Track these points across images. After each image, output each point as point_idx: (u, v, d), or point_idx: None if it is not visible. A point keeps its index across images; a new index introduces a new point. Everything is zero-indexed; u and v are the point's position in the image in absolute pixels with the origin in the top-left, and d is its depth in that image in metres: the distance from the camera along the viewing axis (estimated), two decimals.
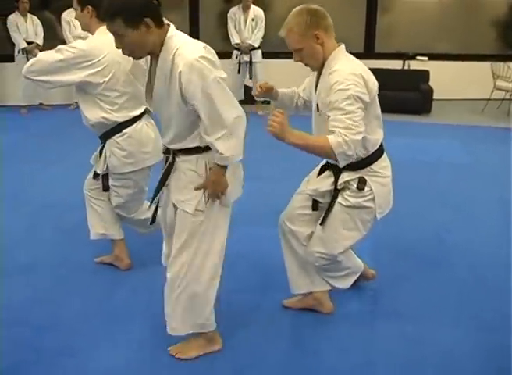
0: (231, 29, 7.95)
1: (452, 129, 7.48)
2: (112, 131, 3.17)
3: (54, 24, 8.78)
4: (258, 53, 7.99)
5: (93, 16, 3.12)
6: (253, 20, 7.91)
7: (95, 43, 3.05)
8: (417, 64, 9.06)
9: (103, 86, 3.05)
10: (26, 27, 8.11)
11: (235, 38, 7.92)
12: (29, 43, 8.09)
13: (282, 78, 8.52)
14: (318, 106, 2.65)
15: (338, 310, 3.06)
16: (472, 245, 3.87)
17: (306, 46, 2.57)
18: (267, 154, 5.97)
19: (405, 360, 2.68)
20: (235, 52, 8.00)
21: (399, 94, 8.04)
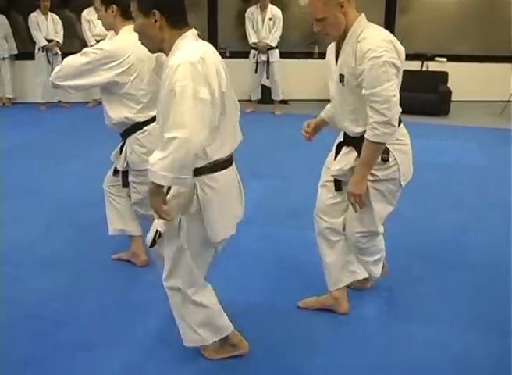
0: (249, 28, 7.96)
1: (470, 131, 7.42)
2: (133, 128, 3.21)
3: (74, 22, 8.87)
4: (276, 53, 8.00)
5: (117, 15, 3.14)
6: (270, 20, 7.92)
7: (119, 43, 3.09)
8: (435, 65, 9.01)
9: (128, 85, 3.10)
10: (46, 25, 8.20)
11: (252, 38, 7.93)
12: (49, 41, 8.18)
13: (298, 78, 8.60)
14: (343, 77, 2.59)
15: (353, 312, 3.06)
16: (488, 248, 3.84)
17: (330, 15, 2.48)
18: (285, 153, 6.00)
19: (419, 362, 2.67)
20: (252, 52, 8.01)
21: (417, 95, 7.99)
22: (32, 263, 3.62)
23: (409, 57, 2.78)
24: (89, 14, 7.96)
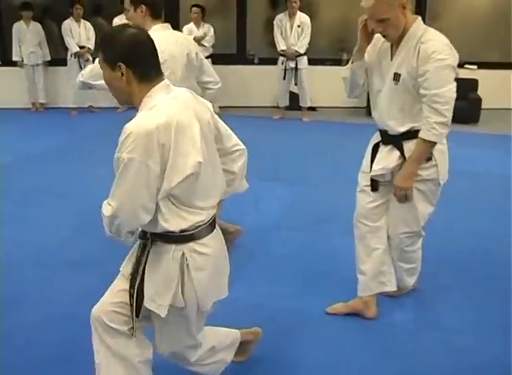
0: (277, 35, 8.00)
1: (500, 139, 7.32)
2: None
3: (105, 29, 9.03)
4: (304, 59, 8.02)
5: (146, 15, 3.18)
6: (299, 27, 7.95)
7: None
8: (465, 73, 8.89)
9: None
10: (79, 32, 8.38)
11: (281, 45, 7.97)
12: (81, 47, 8.34)
13: (327, 85, 8.57)
14: (399, 76, 2.64)
15: (382, 318, 3.05)
16: None
17: (392, 16, 2.55)
18: (313, 160, 6.00)
19: (445, 370, 2.65)
20: (281, 58, 8.05)
21: None
22: (62, 265, 3.69)
23: None
24: (121, 20, 8.08)
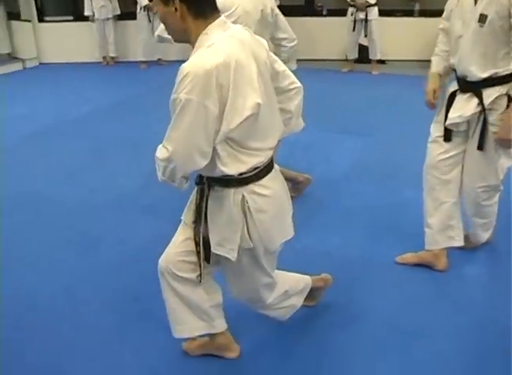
0: None
1: None
2: None
3: None
4: (374, 10, 7.74)
5: None
6: None
7: None
8: None
9: None
10: None
11: None
12: (150, 0, 8.37)
13: (397, 37, 8.30)
14: (485, 18, 2.53)
15: (452, 270, 3.00)
16: None
17: None
18: (382, 113, 5.87)
19: None
20: (350, 9, 7.80)
21: None
22: (136, 210, 3.83)
23: None
24: None
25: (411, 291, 2.87)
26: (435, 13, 7.54)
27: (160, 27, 3.28)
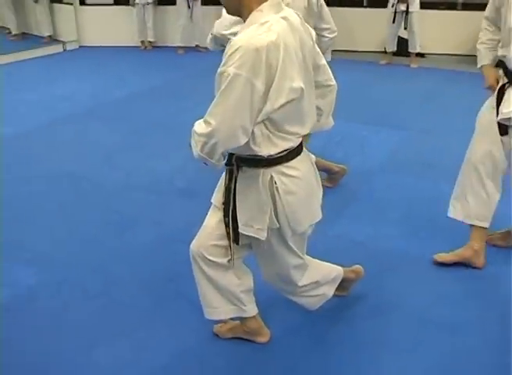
0: None
1: None
2: None
3: None
4: (416, 2, 7.61)
5: None
6: None
7: None
8: None
9: None
10: None
11: None
12: None
13: (438, 30, 8.16)
14: None
15: (488, 268, 2.95)
16: None
17: None
18: (420, 106, 5.80)
19: None
20: (391, 1, 7.69)
21: None
22: (172, 192, 3.89)
23: None
24: None
25: (443, 286, 2.85)
26: (478, 7, 7.40)
27: (216, 25, 3.22)
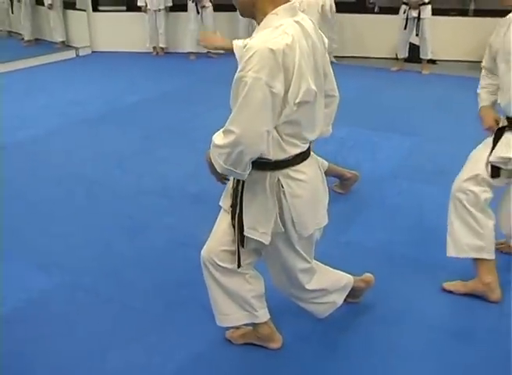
0: None
1: None
2: None
3: None
4: (428, 9, 7.59)
5: None
6: None
7: None
8: None
9: None
10: None
11: None
12: None
13: (450, 37, 8.14)
14: None
15: (502, 277, 2.80)
16: None
17: None
18: (432, 113, 5.79)
19: None
20: (403, 7, 7.67)
21: None
22: (184, 197, 3.90)
23: None
24: None
25: (455, 294, 2.81)
26: (489, 13, 7.38)
27: None
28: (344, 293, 2.52)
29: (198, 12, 8.45)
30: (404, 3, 7.64)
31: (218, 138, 1.89)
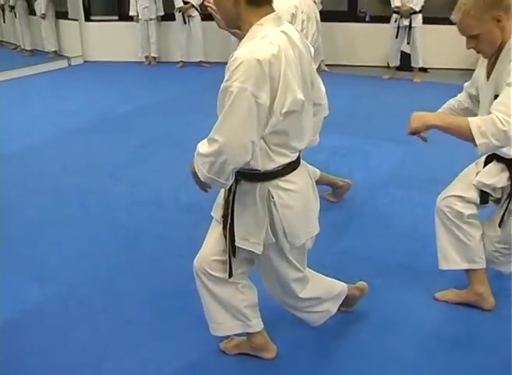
0: None
1: None
2: None
3: None
4: (419, 18, 7.67)
5: None
6: None
7: None
8: None
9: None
10: None
11: (395, 1, 7.64)
12: (185, 3, 8.41)
13: (441, 45, 8.21)
14: (496, 97, 2.27)
15: (496, 283, 2.83)
16: None
17: (484, 31, 2.25)
18: None
19: None
20: (394, 16, 7.73)
21: None
22: (177, 207, 3.90)
23: None
24: None
25: (451, 302, 2.82)
26: None
27: None
28: (338, 301, 2.52)
29: (185, 22, 8.50)
30: (395, 12, 7.72)
31: (202, 147, 1.91)
